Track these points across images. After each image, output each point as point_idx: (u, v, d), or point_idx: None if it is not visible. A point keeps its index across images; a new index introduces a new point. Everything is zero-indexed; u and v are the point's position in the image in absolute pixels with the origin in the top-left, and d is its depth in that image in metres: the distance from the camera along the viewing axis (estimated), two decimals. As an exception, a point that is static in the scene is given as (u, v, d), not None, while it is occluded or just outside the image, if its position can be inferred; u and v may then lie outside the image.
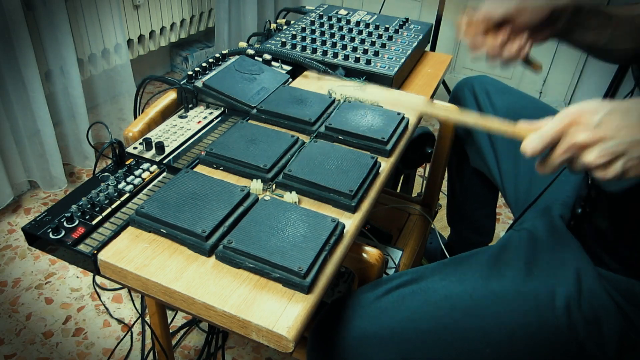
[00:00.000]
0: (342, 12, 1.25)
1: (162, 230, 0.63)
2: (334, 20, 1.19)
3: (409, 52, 1.07)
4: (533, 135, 0.56)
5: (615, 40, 0.78)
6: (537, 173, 0.94)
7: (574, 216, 0.80)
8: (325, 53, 1.03)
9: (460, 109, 0.68)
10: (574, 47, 0.83)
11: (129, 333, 1.30)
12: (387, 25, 1.17)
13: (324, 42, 1.08)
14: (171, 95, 0.92)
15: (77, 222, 0.65)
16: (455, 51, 2.42)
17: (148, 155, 0.79)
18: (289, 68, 1.03)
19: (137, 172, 0.74)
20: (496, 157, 1.03)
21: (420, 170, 1.81)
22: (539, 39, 0.78)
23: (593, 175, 0.55)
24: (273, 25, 1.17)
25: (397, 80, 1.01)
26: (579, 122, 0.53)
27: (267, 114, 0.87)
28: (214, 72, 0.96)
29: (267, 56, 1.03)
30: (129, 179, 0.72)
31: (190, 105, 0.92)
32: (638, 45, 0.78)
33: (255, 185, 0.71)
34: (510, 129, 0.60)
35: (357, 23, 1.18)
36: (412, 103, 0.71)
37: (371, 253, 0.71)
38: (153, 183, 0.73)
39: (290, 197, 0.70)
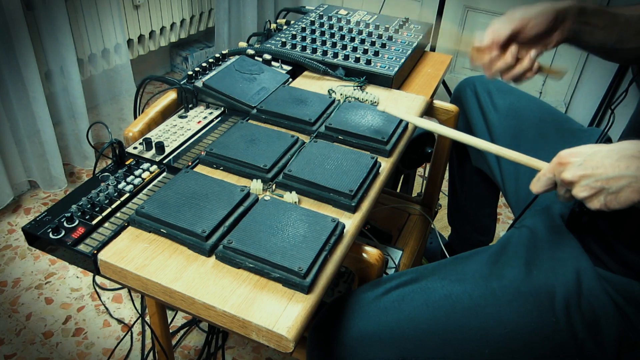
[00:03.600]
0: (342, 12, 1.25)
1: (162, 230, 0.63)
2: (334, 20, 1.19)
3: (409, 52, 1.07)
4: (535, 178, 0.66)
5: (625, 40, 0.78)
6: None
7: (573, 215, 0.81)
8: (325, 53, 1.03)
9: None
10: (585, 49, 0.84)
11: (129, 333, 1.30)
12: (387, 25, 1.17)
13: (324, 42, 1.08)
14: (171, 95, 0.92)
15: (77, 222, 0.65)
16: (455, 51, 2.42)
17: (148, 155, 0.79)
18: (289, 68, 1.03)
19: (137, 172, 0.74)
20: (497, 157, 1.03)
21: (420, 170, 1.81)
22: (549, 45, 0.79)
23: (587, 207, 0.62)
24: (273, 25, 1.17)
25: (397, 80, 1.01)
26: (567, 163, 0.62)
27: (267, 114, 0.87)
28: (214, 72, 0.96)
29: (267, 56, 1.03)
30: (129, 179, 0.72)
31: (190, 105, 0.92)
32: None
33: (255, 185, 0.71)
34: (526, 160, 0.69)
35: (357, 23, 1.18)
36: (436, 128, 0.77)
37: (371, 253, 0.71)
38: (153, 183, 0.73)
39: (290, 197, 0.70)
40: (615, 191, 0.58)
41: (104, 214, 0.67)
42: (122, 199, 0.69)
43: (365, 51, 1.05)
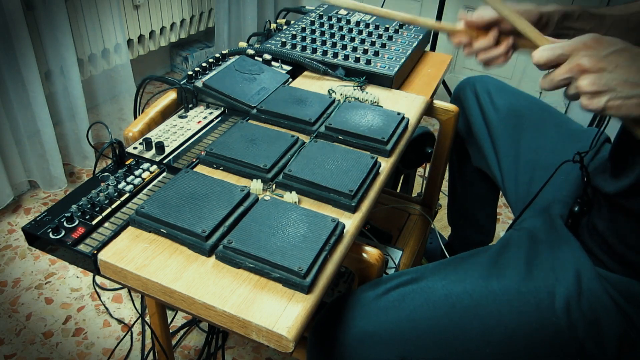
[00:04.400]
0: (342, 12, 1.25)
1: (162, 230, 0.63)
2: (334, 20, 1.19)
3: (409, 52, 1.07)
4: (546, 45, 0.60)
5: None
6: (537, 173, 0.94)
7: (572, 216, 0.81)
8: (325, 53, 1.03)
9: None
10: None
11: (129, 333, 1.30)
12: (387, 25, 1.17)
13: (324, 42, 1.08)
14: (171, 95, 0.92)
15: (77, 222, 0.65)
16: (455, 51, 2.42)
17: (148, 155, 0.79)
18: (289, 68, 1.03)
19: (137, 172, 0.74)
20: (497, 157, 1.03)
21: (420, 170, 1.81)
22: (530, 45, 0.79)
23: (580, 103, 0.59)
24: (273, 25, 1.17)
25: (397, 80, 1.01)
26: (591, 48, 0.56)
27: (267, 114, 0.87)
28: (214, 72, 0.96)
29: (267, 56, 1.03)
30: (129, 179, 0.72)
31: (190, 105, 0.92)
32: (636, 42, 0.78)
33: (255, 185, 0.71)
34: (535, 34, 0.64)
35: (357, 23, 1.18)
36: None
37: (371, 253, 0.71)
38: (153, 183, 0.73)
39: (290, 197, 0.70)
40: (624, 97, 0.55)
41: (104, 214, 0.67)
42: (122, 199, 0.69)
43: (365, 51, 1.05)
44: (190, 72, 0.94)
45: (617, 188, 0.71)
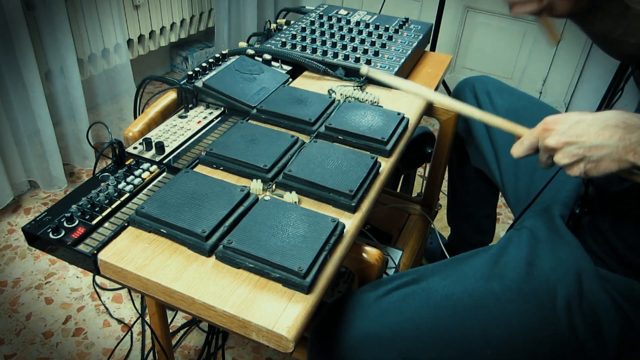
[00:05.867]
0: (342, 12, 1.24)
1: (162, 230, 0.63)
2: (334, 20, 1.19)
3: (409, 52, 1.07)
4: (518, 142, 0.68)
5: (631, 32, 0.79)
6: (537, 173, 0.94)
7: (572, 216, 0.81)
8: (325, 53, 1.03)
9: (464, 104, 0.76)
10: (589, 34, 0.84)
11: (129, 333, 1.30)
12: (387, 25, 1.17)
13: (324, 42, 1.08)
14: (171, 95, 0.92)
15: (77, 222, 0.65)
16: (455, 51, 2.43)
17: (148, 155, 0.79)
18: (289, 68, 1.03)
19: (137, 172, 0.74)
20: (496, 157, 1.03)
21: (420, 170, 1.81)
22: (559, 11, 0.78)
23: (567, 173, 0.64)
24: (273, 25, 1.17)
25: (397, 80, 1.01)
26: (551, 130, 0.63)
27: (267, 114, 0.87)
28: (214, 72, 0.96)
29: (267, 56, 1.03)
30: (129, 179, 0.72)
31: (190, 105, 0.92)
32: None
33: (255, 185, 0.71)
34: (511, 127, 0.71)
35: (357, 23, 1.18)
36: (423, 93, 0.81)
37: (371, 253, 0.71)
38: (153, 183, 0.73)
39: (290, 197, 0.70)
40: (596, 160, 0.60)
41: (104, 214, 0.67)
42: (122, 199, 0.69)
43: (365, 51, 1.05)
44: (190, 72, 0.94)
45: (620, 188, 0.71)
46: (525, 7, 0.79)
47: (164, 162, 0.78)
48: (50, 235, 0.63)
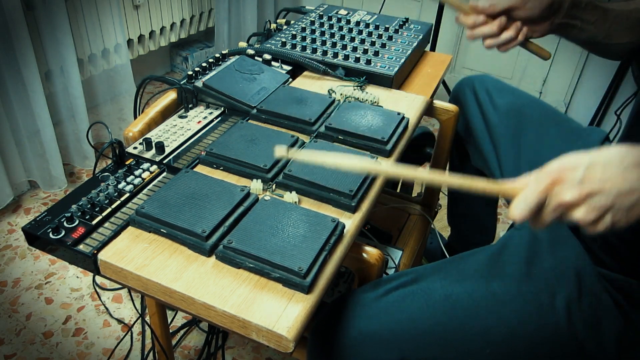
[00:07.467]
0: (342, 12, 1.24)
1: (162, 230, 0.63)
2: (334, 20, 1.19)
3: (409, 52, 1.07)
4: (518, 201, 0.54)
5: (613, 35, 0.80)
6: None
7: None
8: (325, 53, 1.03)
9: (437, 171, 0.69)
10: (574, 42, 0.85)
11: (129, 333, 1.30)
12: (387, 25, 1.17)
13: (324, 42, 1.08)
14: (171, 95, 0.92)
15: (77, 222, 0.65)
16: (455, 51, 2.42)
17: (148, 155, 0.79)
18: (289, 68, 1.03)
19: (137, 172, 0.74)
20: (497, 157, 1.03)
21: (420, 170, 1.80)
22: (535, 33, 0.80)
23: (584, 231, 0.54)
24: (273, 25, 1.17)
25: (397, 80, 1.01)
26: (562, 181, 0.52)
27: (267, 114, 0.87)
28: (214, 72, 0.96)
29: (267, 56, 1.03)
30: (129, 179, 0.72)
31: (190, 105, 0.92)
32: (635, 39, 0.79)
33: (255, 185, 0.71)
34: (496, 188, 0.57)
35: (357, 23, 1.18)
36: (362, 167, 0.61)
37: (371, 253, 0.71)
38: (153, 183, 0.73)
39: (290, 197, 0.70)
40: (627, 208, 0.50)
41: (104, 214, 0.67)
42: (122, 199, 0.69)
43: (365, 51, 1.05)
44: (190, 72, 0.94)
45: None
46: (482, 29, 0.80)
47: (164, 162, 0.78)
48: (50, 235, 0.63)
